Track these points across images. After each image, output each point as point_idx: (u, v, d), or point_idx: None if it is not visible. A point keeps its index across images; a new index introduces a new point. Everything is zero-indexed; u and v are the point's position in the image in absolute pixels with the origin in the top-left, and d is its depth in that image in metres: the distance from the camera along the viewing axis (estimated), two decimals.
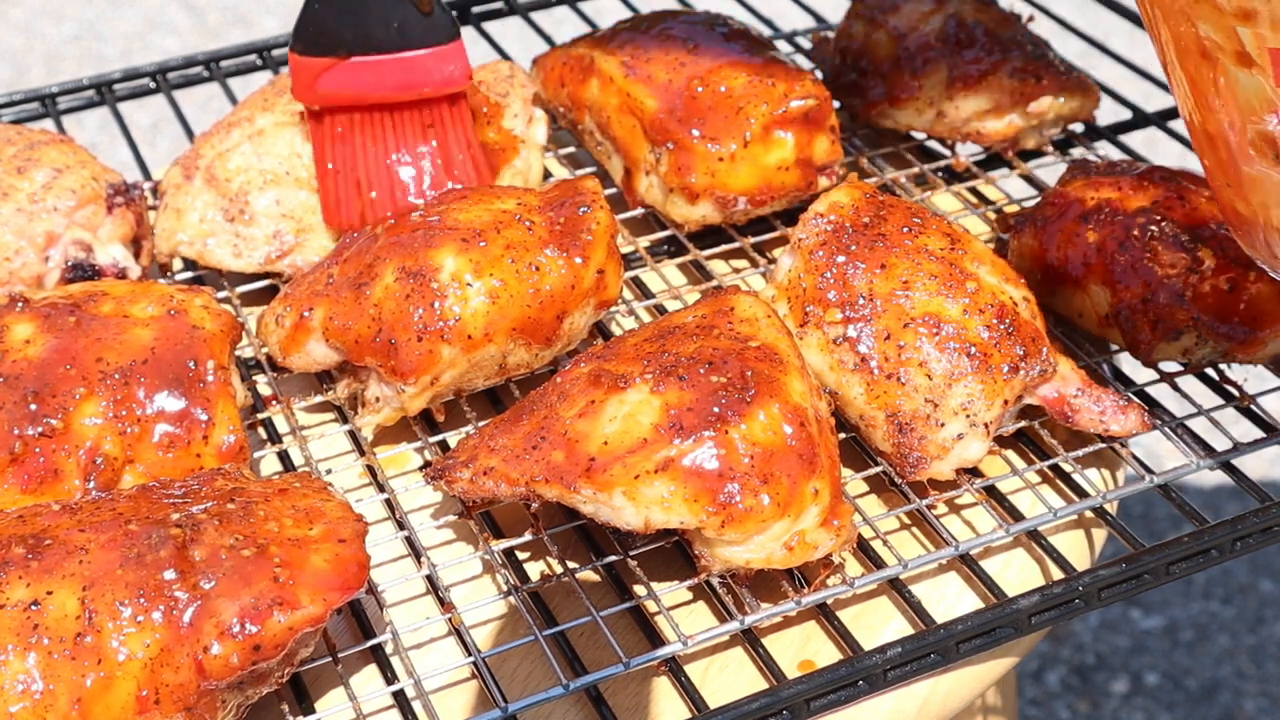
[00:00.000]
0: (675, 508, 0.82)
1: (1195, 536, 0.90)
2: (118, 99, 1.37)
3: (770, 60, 1.16)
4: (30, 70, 3.34)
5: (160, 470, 0.89)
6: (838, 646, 0.87)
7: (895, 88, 1.22)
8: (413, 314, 0.93)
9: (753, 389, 0.84)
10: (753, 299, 0.93)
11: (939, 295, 0.95)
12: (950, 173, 1.27)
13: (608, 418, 0.84)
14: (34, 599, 0.73)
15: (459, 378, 0.96)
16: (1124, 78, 1.65)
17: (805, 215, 1.00)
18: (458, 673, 0.86)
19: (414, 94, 1.07)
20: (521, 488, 0.85)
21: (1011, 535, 0.92)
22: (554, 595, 0.90)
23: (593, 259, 0.97)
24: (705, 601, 0.91)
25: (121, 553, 0.75)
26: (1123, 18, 1.47)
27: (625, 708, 0.84)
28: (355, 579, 0.78)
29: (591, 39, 1.25)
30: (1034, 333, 0.96)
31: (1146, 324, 1.00)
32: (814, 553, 0.84)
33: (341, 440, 1.02)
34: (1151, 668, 2.08)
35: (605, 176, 1.25)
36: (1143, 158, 1.20)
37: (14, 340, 0.90)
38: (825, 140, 1.15)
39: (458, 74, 1.07)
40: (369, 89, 1.06)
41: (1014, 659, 0.92)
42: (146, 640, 0.73)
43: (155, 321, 0.92)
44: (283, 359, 0.99)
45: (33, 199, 1.05)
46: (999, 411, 0.94)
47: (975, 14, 1.24)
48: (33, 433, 0.87)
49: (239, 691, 0.77)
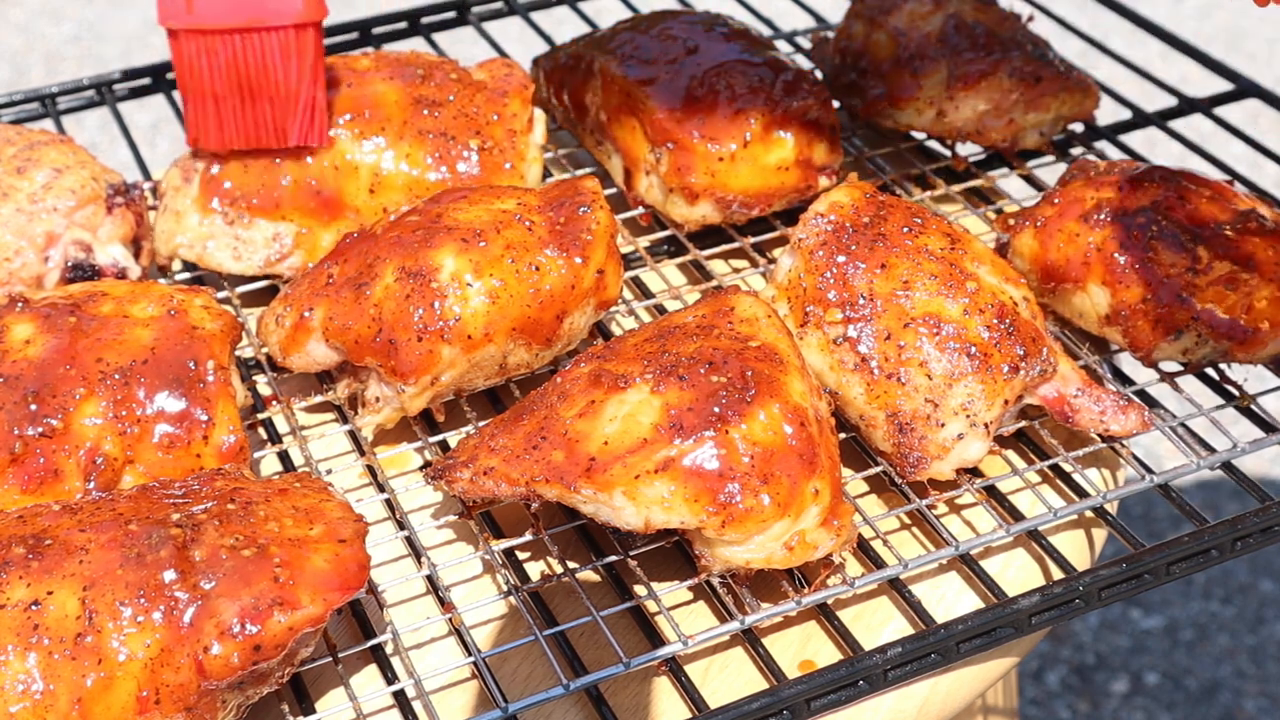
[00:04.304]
0: (675, 508, 0.82)
1: (1195, 536, 0.90)
2: (118, 99, 1.37)
3: (770, 60, 1.16)
4: (30, 70, 3.34)
5: (160, 470, 0.89)
6: (838, 646, 0.87)
7: (895, 88, 1.22)
8: (413, 314, 0.93)
9: (753, 389, 0.84)
10: (753, 299, 0.93)
11: (939, 295, 0.95)
12: (950, 173, 1.26)
13: (608, 418, 0.84)
14: (34, 599, 0.73)
15: (459, 378, 0.96)
16: (1124, 78, 1.65)
17: (805, 215, 1.00)
18: (458, 673, 0.86)
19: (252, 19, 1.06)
20: (521, 488, 0.85)
21: (1011, 535, 0.92)
22: (554, 595, 0.90)
23: (593, 259, 0.97)
24: (705, 601, 0.91)
25: (122, 553, 0.75)
26: (1123, 18, 1.47)
27: (625, 708, 0.84)
28: (355, 579, 0.78)
29: (591, 39, 1.25)
30: (1034, 333, 0.96)
31: (1146, 324, 1.00)
32: (814, 553, 0.84)
33: (341, 440, 1.02)
34: (1151, 668, 2.08)
35: (605, 176, 1.25)
36: (1143, 158, 1.20)
37: (14, 340, 0.90)
38: (825, 140, 1.15)
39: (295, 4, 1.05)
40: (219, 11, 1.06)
41: (1014, 659, 0.92)
42: (147, 640, 0.73)
43: (155, 322, 0.92)
44: (283, 359, 0.99)
45: (32, 199, 1.05)
46: (999, 411, 0.94)
47: (975, 14, 1.24)
48: (33, 433, 0.87)
49: (239, 691, 0.77)
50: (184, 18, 1.06)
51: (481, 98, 1.14)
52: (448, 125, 1.12)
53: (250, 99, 1.08)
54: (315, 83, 1.08)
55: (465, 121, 1.12)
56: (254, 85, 1.08)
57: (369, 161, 1.11)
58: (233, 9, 1.06)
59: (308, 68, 1.07)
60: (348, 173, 1.10)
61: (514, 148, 1.13)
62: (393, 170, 1.11)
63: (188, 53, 1.08)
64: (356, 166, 1.10)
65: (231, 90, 1.08)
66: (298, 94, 1.08)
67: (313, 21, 1.06)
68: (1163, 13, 3.42)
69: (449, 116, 1.12)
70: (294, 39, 1.06)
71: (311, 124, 1.09)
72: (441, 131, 1.11)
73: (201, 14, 1.06)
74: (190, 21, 1.06)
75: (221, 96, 1.08)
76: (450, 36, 1.69)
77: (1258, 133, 2.68)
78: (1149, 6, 3.30)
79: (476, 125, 1.13)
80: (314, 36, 1.07)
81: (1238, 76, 1.37)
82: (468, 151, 1.12)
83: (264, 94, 1.08)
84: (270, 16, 1.05)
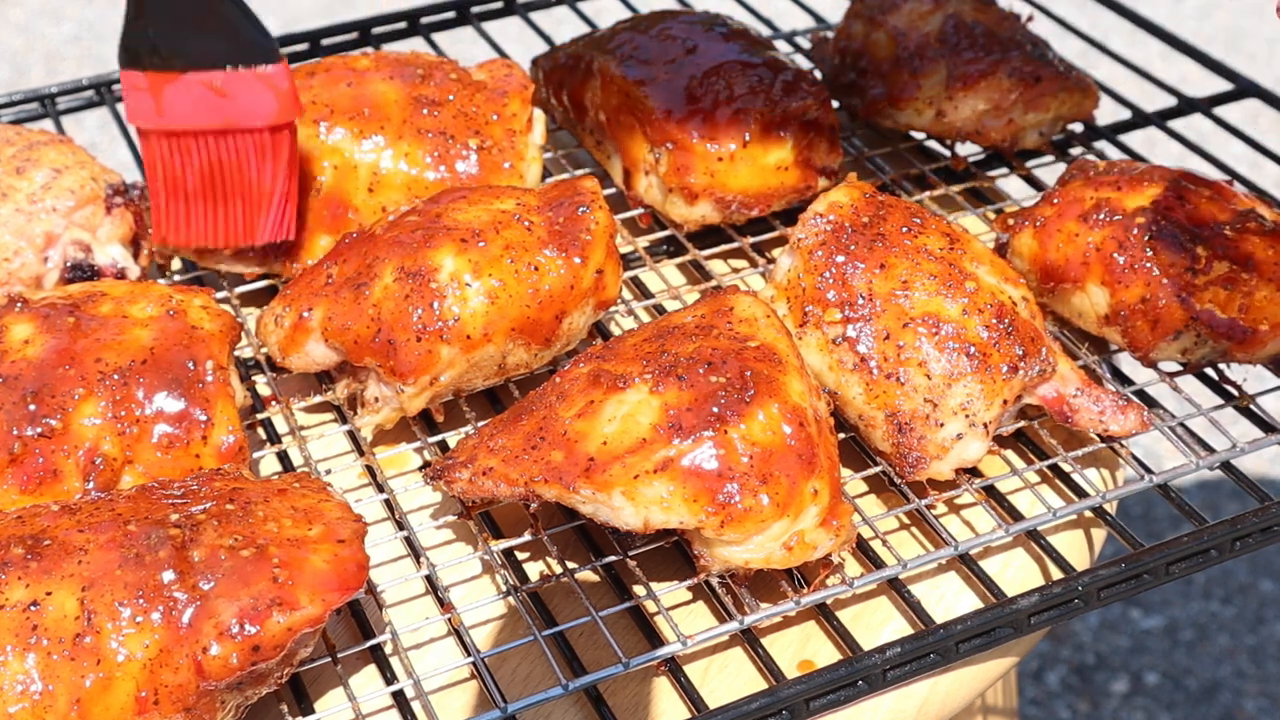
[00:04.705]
0: (674, 508, 0.82)
1: (1195, 536, 0.90)
2: (117, 99, 1.36)
3: (770, 60, 1.16)
4: (30, 70, 3.34)
5: (159, 470, 0.89)
6: (837, 646, 0.87)
7: (895, 88, 1.22)
8: (412, 314, 0.93)
9: (752, 389, 0.84)
10: (752, 299, 0.93)
11: (938, 295, 0.95)
12: (950, 173, 1.26)
13: (607, 418, 0.84)
14: (33, 599, 0.73)
15: (458, 378, 0.96)
16: (1124, 78, 1.65)
17: (804, 215, 1.00)
18: (457, 673, 0.86)
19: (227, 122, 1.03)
20: (521, 488, 0.85)
21: (1011, 535, 0.92)
22: (553, 595, 0.90)
23: (592, 259, 0.97)
24: (705, 601, 0.91)
25: (121, 553, 0.75)
26: (1123, 18, 1.47)
27: (625, 708, 0.84)
28: (354, 579, 0.78)
29: (591, 39, 1.25)
30: (1033, 332, 0.96)
31: (1146, 324, 1.00)
32: (813, 553, 0.84)
33: (341, 440, 1.02)
34: (1151, 667, 2.08)
35: (605, 176, 1.25)
36: (1143, 158, 1.20)
37: (13, 340, 0.90)
38: (825, 140, 1.15)
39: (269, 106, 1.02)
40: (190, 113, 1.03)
41: (1014, 659, 0.92)
42: (145, 641, 0.73)
43: (154, 322, 0.92)
44: (282, 359, 0.99)
45: (32, 199, 1.05)
46: (998, 411, 0.94)
47: (975, 14, 1.24)
48: (32, 433, 0.87)
49: (238, 692, 0.77)
50: (154, 119, 1.03)
51: (481, 98, 1.14)
52: (447, 125, 1.12)
53: (222, 198, 1.05)
54: (289, 180, 1.05)
55: (465, 121, 1.12)
56: (226, 185, 1.05)
57: (368, 160, 1.11)
58: (206, 111, 1.02)
59: (282, 167, 1.04)
60: (346, 171, 1.11)
61: (513, 148, 1.13)
62: (391, 169, 1.11)
63: (159, 152, 1.04)
64: (355, 165, 1.10)
65: (203, 189, 1.05)
66: (271, 193, 1.05)
67: (287, 123, 1.03)
68: (1163, 13, 3.42)
69: (448, 116, 1.12)
70: (269, 141, 1.03)
71: (281, 220, 1.06)
72: (441, 131, 1.11)
73: (172, 116, 1.03)
74: (161, 123, 1.03)
75: (192, 195, 1.05)
76: (450, 36, 1.69)
77: (1258, 133, 2.68)
78: (1149, 6, 3.30)
79: (476, 125, 1.13)
80: (288, 137, 1.03)
81: (1237, 76, 1.37)
82: (467, 151, 1.12)
83: (236, 193, 1.05)
84: (244, 118, 1.02)
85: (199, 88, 1.01)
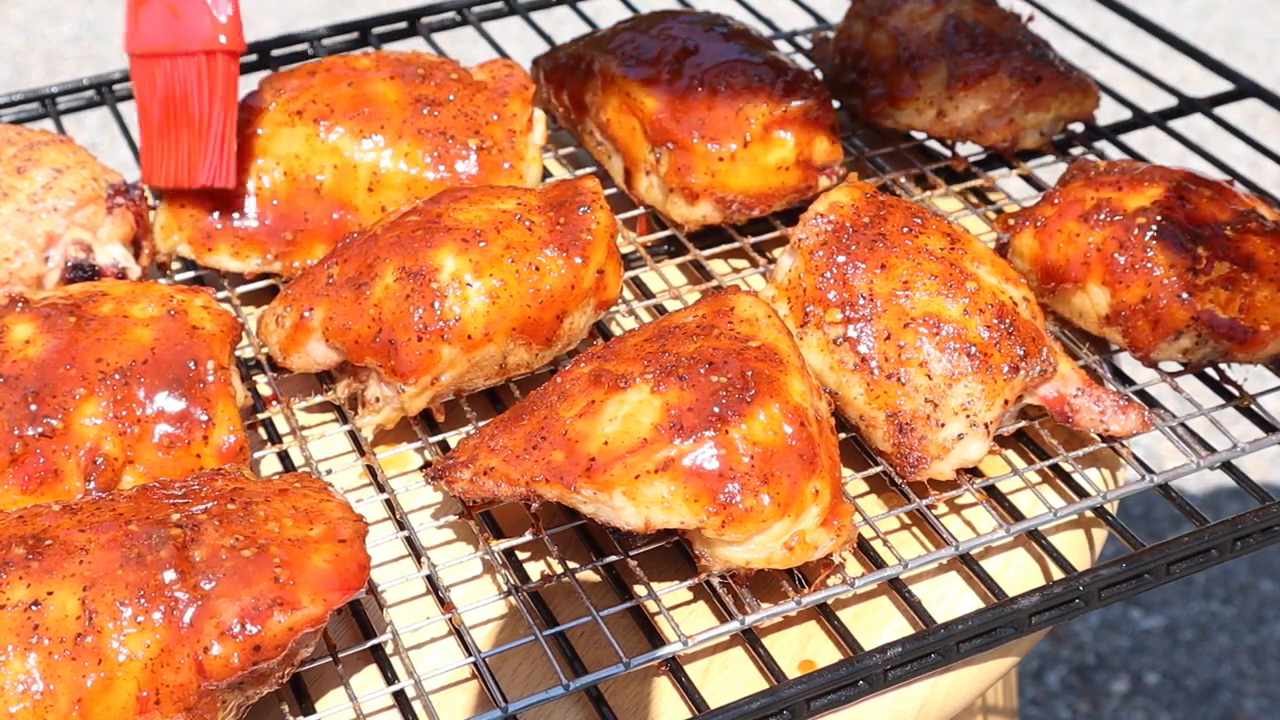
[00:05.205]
0: (675, 508, 0.82)
1: (1195, 536, 0.90)
2: (118, 99, 1.37)
3: (770, 60, 1.16)
4: (30, 70, 3.34)
5: (160, 470, 0.89)
6: (838, 646, 0.87)
7: (895, 88, 1.22)
8: (413, 314, 0.93)
9: (753, 389, 0.84)
10: (753, 299, 0.93)
11: (939, 295, 0.95)
12: (950, 173, 1.26)
13: (608, 418, 0.84)
14: (34, 599, 0.73)
15: (459, 378, 0.96)
16: (1124, 78, 1.65)
17: (805, 215, 1.00)
18: (458, 673, 0.86)
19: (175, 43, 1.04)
20: (521, 488, 0.85)
21: (1012, 535, 0.92)
22: (554, 595, 0.90)
23: (593, 259, 0.97)
24: (705, 601, 0.91)
25: (122, 553, 0.75)
26: (1123, 18, 1.47)
27: (625, 708, 0.84)
28: (355, 579, 0.78)
29: (591, 39, 1.25)
30: (1034, 332, 0.96)
31: (1146, 324, 1.00)
32: (814, 553, 0.84)
33: (341, 440, 1.02)
34: (1152, 667, 2.08)
35: (605, 176, 1.25)
36: (1143, 157, 1.20)
37: (14, 340, 0.90)
38: (825, 140, 1.15)
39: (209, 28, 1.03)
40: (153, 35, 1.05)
41: (1014, 659, 0.92)
42: (147, 641, 0.73)
43: (155, 322, 0.92)
44: (283, 359, 0.99)
45: (33, 199, 1.05)
46: (999, 411, 0.94)
47: (975, 14, 1.24)
48: (33, 433, 0.87)
49: (239, 692, 0.77)
50: (131, 41, 1.06)
51: (481, 98, 1.14)
52: (447, 125, 1.12)
53: (173, 132, 1.06)
54: (226, 115, 1.04)
55: (465, 121, 1.12)
56: (176, 117, 1.06)
57: (368, 160, 1.11)
58: (163, 32, 1.04)
59: (218, 99, 1.04)
60: (346, 171, 1.11)
61: (513, 148, 1.13)
62: (391, 169, 1.11)
63: (136, 80, 1.08)
64: (355, 165, 1.11)
65: (162, 122, 1.07)
66: (208, 126, 1.04)
67: (225, 50, 1.03)
68: (1163, 13, 3.42)
69: (449, 116, 1.12)
70: (205, 66, 1.04)
71: (220, 162, 1.06)
72: (441, 131, 1.11)
73: (142, 38, 1.05)
74: (135, 46, 1.06)
75: (160, 130, 1.07)
76: (450, 36, 1.69)
77: (1258, 133, 2.68)
78: (1149, 6, 3.30)
79: (476, 125, 1.13)
80: (225, 66, 1.04)
81: (1238, 76, 1.37)
82: (467, 151, 1.12)
83: (182, 125, 1.06)
84: (188, 39, 1.03)
85: (161, 8, 1.04)
